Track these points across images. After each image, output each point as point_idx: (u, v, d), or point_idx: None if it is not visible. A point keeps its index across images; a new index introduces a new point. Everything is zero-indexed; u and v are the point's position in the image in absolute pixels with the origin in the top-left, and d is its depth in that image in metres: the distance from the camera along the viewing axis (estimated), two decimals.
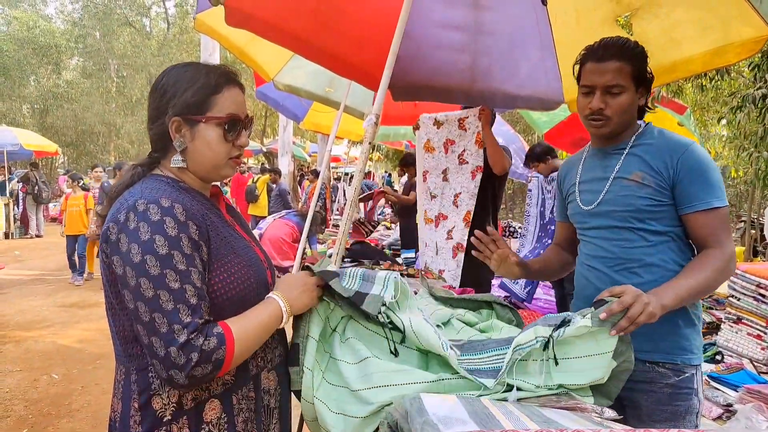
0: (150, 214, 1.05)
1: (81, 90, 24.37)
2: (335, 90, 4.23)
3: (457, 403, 1.00)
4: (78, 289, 7.33)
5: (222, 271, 1.14)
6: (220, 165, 1.22)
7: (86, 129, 23.43)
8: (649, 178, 1.56)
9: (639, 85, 1.62)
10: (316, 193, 4.64)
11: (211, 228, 1.15)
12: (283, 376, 1.31)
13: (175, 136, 1.17)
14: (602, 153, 1.71)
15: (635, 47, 1.63)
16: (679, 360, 1.55)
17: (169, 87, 1.17)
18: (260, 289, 1.24)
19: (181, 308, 1.03)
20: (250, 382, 1.21)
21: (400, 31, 2.02)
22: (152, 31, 28.46)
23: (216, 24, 2.93)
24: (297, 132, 19.02)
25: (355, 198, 1.83)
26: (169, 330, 1.02)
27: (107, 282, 1.12)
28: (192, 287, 1.05)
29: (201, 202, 1.20)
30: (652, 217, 1.57)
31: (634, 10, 2.34)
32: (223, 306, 1.14)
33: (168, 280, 1.03)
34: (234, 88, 1.23)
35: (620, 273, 1.61)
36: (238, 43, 3.36)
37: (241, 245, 1.23)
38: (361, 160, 1.91)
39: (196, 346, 1.02)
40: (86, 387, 4.15)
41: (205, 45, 6.04)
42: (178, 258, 1.05)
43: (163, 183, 1.16)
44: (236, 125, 1.21)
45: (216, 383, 1.14)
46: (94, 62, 25.27)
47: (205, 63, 1.26)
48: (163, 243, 1.04)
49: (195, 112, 1.17)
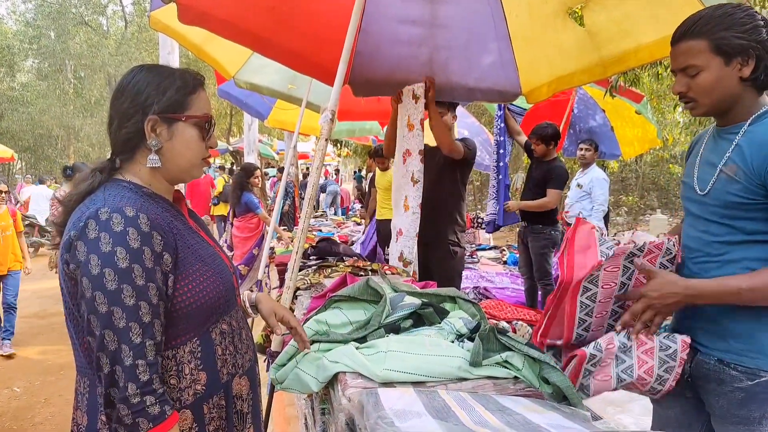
0: (113, 224, 1.03)
1: (37, 92, 23.52)
2: (298, 87, 4.19)
3: (414, 397, 1.01)
4: (38, 299, 7.07)
5: (190, 281, 1.13)
6: (195, 164, 1.23)
7: (44, 133, 22.64)
8: (741, 173, 1.36)
9: (729, 57, 1.37)
10: (281, 190, 4.61)
11: (178, 237, 1.14)
12: (254, 380, 1.31)
13: (150, 136, 1.15)
14: (717, 134, 1.51)
15: (709, 20, 1.39)
16: (753, 364, 1.36)
17: (145, 86, 1.16)
18: (228, 295, 1.24)
19: (132, 326, 1.01)
20: (221, 390, 1.20)
21: (353, 27, 2.02)
22: (109, 30, 27.63)
23: (172, 22, 2.86)
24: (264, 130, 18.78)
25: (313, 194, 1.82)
26: (117, 349, 1.00)
27: (67, 292, 1.09)
28: (147, 304, 1.03)
29: (166, 209, 1.18)
30: (744, 216, 1.38)
31: (584, 1, 2.39)
32: (191, 314, 1.13)
33: (124, 296, 1.01)
34: (203, 91, 1.25)
35: (698, 265, 1.48)
36: (196, 41, 3.30)
37: (207, 252, 1.22)
38: (318, 157, 1.90)
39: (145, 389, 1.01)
40: (49, 399, 4.03)
41: (164, 43, 5.87)
42: (137, 272, 1.03)
43: (127, 190, 1.13)
44: (210, 125, 1.23)
45: (186, 393, 1.13)
46: (49, 63, 24.39)
47: (172, 66, 1.27)
48: (124, 256, 1.02)
49: (175, 110, 1.17)
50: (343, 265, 2.59)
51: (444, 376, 1.25)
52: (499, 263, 7.08)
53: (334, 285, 2.10)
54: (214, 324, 1.19)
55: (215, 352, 1.17)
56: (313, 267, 2.71)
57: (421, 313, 1.61)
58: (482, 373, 1.27)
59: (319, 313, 1.64)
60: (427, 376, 1.24)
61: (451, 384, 1.24)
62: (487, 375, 1.27)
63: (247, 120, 10.52)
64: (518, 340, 1.31)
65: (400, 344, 1.35)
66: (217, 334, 1.19)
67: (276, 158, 19.49)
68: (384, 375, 1.23)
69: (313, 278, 2.49)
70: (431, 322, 1.59)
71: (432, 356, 1.30)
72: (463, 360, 1.28)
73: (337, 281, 2.12)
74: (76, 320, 1.10)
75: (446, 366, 1.26)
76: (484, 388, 1.21)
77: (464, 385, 1.23)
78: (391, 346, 1.33)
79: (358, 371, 1.28)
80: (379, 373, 1.23)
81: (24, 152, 23.28)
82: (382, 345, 1.36)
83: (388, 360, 1.27)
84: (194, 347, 1.14)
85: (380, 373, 1.23)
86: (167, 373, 1.10)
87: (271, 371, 1.52)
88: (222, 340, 1.20)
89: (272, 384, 1.53)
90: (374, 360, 1.29)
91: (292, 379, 1.43)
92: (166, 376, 1.10)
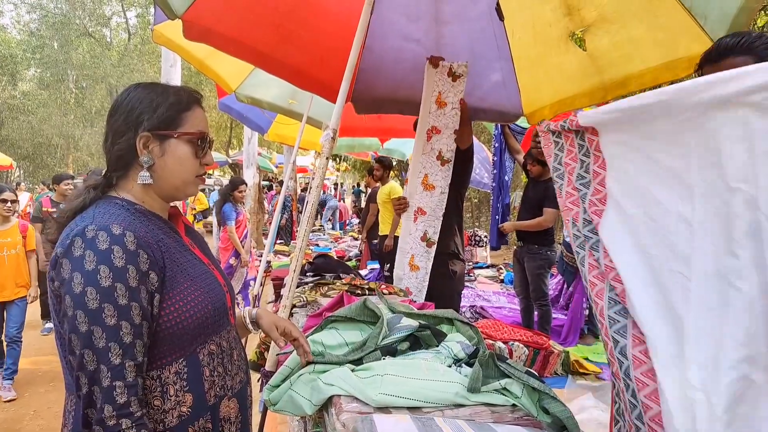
0: (98, 242, 1.01)
1: (38, 101, 23.60)
2: (298, 102, 4.21)
3: (410, 424, 0.98)
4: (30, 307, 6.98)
5: (177, 300, 1.11)
6: (188, 181, 1.21)
7: (43, 141, 22.66)
8: None
9: None
10: (279, 204, 4.60)
11: (167, 254, 1.12)
12: (244, 402, 1.28)
13: (143, 152, 1.15)
14: None
15: (755, 39, 1.40)
16: None
17: (138, 103, 1.16)
18: (217, 315, 1.21)
19: (112, 347, 0.99)
20: (208, 412, 1.16)
21: (357, 45, 2.02)
22: (113, 42, 27.83)
23: (175, 36, 2.87)
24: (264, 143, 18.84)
25: (312, 212, 1.80)
26: (96, 369, 0.98)
27: (53, 310, 1.07)
28: (129, 324, 1.01)
29: (158, 226, 1.16)
30: None
31: (586, 26, 2.41)
32: (178, 334, 1.10)
33: (105, 315, 0.99)
34: (200, 108, 1.24)
35: None
36: (199, 55, 3.31)
37: (198, 271, 1.20)
38: (318, 175, 1.88)
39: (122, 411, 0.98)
40: (38, 411, 3.97)
41: (166, 56, 5.91)
42: (120, 291, 1.01)
43: (118, 207, 1.12)
44: (205, 142, 1.22)
45: (171, 416, 1.10)
46: (51, 73, 24.52)
47: (167, 84, 1.26)
48: (107, 274, 1.00)
49: (167, 127, 1.16)
50: (340, 283, 2.57)
51: (441, 402, 1.23)
52: (497, 281, 7.06)
53: (330, 304, 2.07)
54: (202, 344, 1.16)
55: (203, 374, 1.15)
56: (309, 284, 2.68)
57: (419, 335, 1.58)
58: (480, 400, 1.24)
59: (315, 333, 1.62)
60: (423, 401, 1.22)
61: (447, 410, 1.21)
62: (485, 402, 1.24)
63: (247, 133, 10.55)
64: (518, 367, 1.29)
65: (397, 368, 1.32)
66: (205, 355, 1.16)
67: (275, 171, 19.53)
68: (380, 399, 1.20)
69: (310, 296, 2.46)
70: (428, 345, 1.57)
71: (429, 381, 1.27)
72: (461, 386, 1.26)
73: (334, 300, 2.09)
74: (62, 338, 1.08)
75: (443, 392, 1.24)
76: (481, 415, 1.18)
77: (461, 412, 1.21)
78: (388, 370, 1.30)
79: (354, 395, 1.25)
80: (374, 397, 1.21)
81: (23, 160, 23.25)
82: (378, 368, 1.33)
83: (384, 384, 1.24)
84: (180, 368, 1.11)
85: (376, 398, 1.21)
86: (151, 394, 1.07)
87: (264, 392, 1.49)
88: (210, 361, 1.17)
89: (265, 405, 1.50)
90: (370, 384, 1.26)
91: (286, 400, 1.40)
92: (150, 398, 1.07)
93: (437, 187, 2.77)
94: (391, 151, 8.12)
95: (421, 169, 2.82)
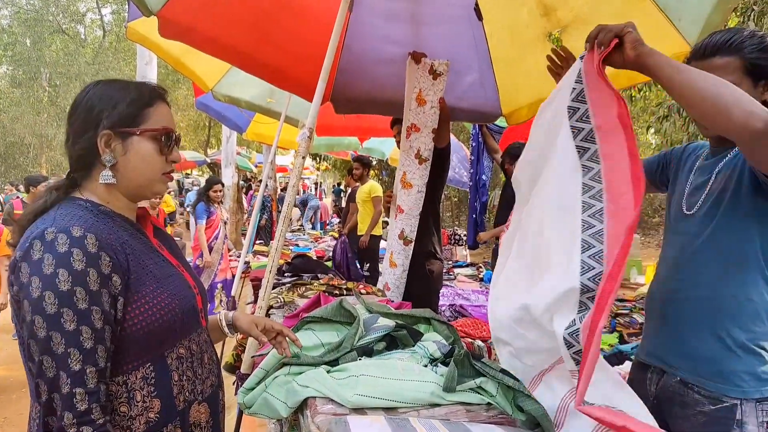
0: (57, 245, 0.98)
1: (10, 100, 23.05)
2: (276, 101, 4.17)
3: (384, 425, 0.98)
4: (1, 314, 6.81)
5: (142, 303, 1.08)
6: (154, 179, 1.18)
7: (15, 141, 22.16)
8: None
9: (758, 78, 1.38)
10: (257, 204, 4.57)
11: (131, 257, 1.09)
12: (216, 407, 1.26)
13: (104, 151, 1.11)
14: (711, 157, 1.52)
15: (746, 38, 1.38)
16: (715, 388, 1.36)
17: (97, 101, 1.12)
18: (186, 318, 1.18)
19: (72, 353, 0.96)
20: (177, 418, 1.14)
21: (333, 46, 2.01)
22: (87, 39, 27.28)
23: (150, 33, 2.82)
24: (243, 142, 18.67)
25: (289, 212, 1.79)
26: (55, 376, 0.96)
27: (14, 315, 1.04)
28: (89, 329, 0.98)
29: (123, 228, 1.13)
30: None
31: (563, 27, 2.43)
32: (144, 338, 1.08)
33: (63, 320, 0.96)
34: (164, 104, 1.20)
35: None
36: (174, 53, 3.25)
37: (165, 272, 1.17)
38: (294, 174, 1.87)
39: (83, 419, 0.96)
40: (10, 418, 3.88)
41: (142, 54, 5.82)
42: (80, 295, 0.98)
43: (80, 208, 1.09)
44: (170, 138, 1.18)
45: (138, 422, 1.07)
46: (24, 71, 23.93)
47: (129, 80, 1.23)
48: (66, 278, 0.97)
49: (129, 124, 1.12)
50: (317, 283, 2.55)
51: (416, 402, 1.23)
52: (476, 280, 7.09)
53: (307, 305, 2.06)
54: (170, 348, 1.13)
55: (171, 378, 1.12)
56: (287, 285, 2.66)
57: (395, 335, 1.58)
58: (455, 399, 1.25)
59: None
60: (399, 401, 1.21)
61: (423, 410, 1.21)
62: (460, 401, 1.24)
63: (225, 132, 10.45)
64: (493, 366, 1.29)
65: (372, 368, 1.32)
66: (174, 359, 1.14)
67: (254, 171, 19.35)
68: (355, 400, 1.20)
69: (287, 296, 2.44)
70: (405, 345, 1.57)
71: (404, 381, 1.27)
72: (436, 385, 1.26)
73: (311, 301, 2.08)
74: (23, 344, 1.05)
75: (419, 391, 1.24)
76: (457, 414, 1.19)
77: (436, 411, 1.21)
78: (363, 371, 1.30)
79: (329, 396, 1.24)
80: (350, 398, 1.20)
81: None
82: (354, 369, 1.32)
83: (360, 385, 1.23)
84: (147, 373, 1.09)
85: (351, 399, 1.20)
86: (117, 400, 1.05)
87: (239, 395, 1.47)
88: (179, 365, 1.15)
89: None
90: (345, 385, 1.26)
91: (261, 403, 1.39)
92: (116, 404, 1.05)
93: (414, 185, 2.78)
94: (371, 150, 8.11)
95: (401, 167, 2.83)
